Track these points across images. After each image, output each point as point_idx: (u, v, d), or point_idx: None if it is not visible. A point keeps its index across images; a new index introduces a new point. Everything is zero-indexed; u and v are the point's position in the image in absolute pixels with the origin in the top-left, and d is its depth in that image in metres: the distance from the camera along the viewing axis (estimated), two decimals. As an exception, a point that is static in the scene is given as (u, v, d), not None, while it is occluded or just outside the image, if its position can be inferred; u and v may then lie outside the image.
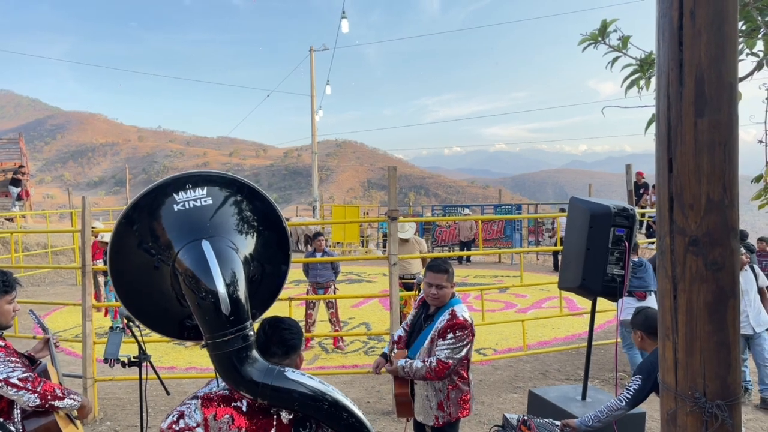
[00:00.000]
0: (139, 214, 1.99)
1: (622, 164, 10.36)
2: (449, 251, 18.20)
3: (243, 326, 1.88)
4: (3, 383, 2.44)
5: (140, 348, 3.28)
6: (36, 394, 2.47)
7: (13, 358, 2.52)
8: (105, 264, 8.74)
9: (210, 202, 2.03)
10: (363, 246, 20.97)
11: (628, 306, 5.94)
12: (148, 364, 3.35)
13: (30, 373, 2.51)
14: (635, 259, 6.35)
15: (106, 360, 3.21)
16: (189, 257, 1.91)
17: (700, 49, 1.20)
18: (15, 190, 19.16)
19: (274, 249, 2.24)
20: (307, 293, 8.26)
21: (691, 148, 1.21)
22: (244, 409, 1.90)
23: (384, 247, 19.49)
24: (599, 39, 2.19)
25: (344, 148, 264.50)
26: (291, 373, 1.92)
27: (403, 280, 7.75)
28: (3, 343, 2.54)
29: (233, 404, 1.90)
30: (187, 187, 2.01)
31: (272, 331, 2.05)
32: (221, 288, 1.85)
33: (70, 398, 2.60)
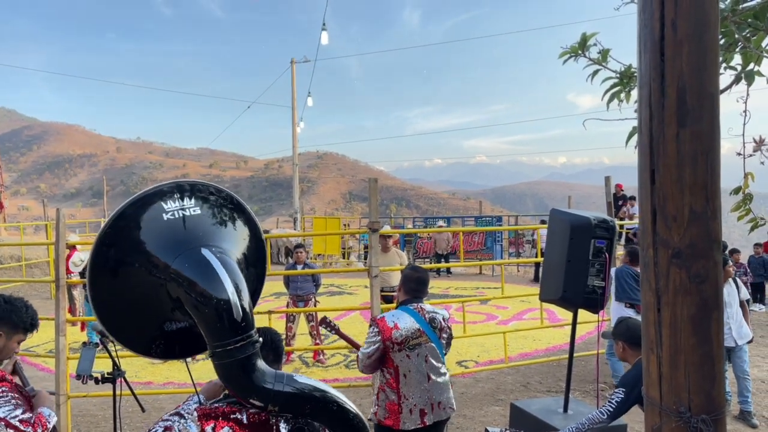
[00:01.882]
0: (126, 224, 1.91)
1: (601, 176, 10.47)
2: (430, 263, 18.21)
3: (251, 333, 1.85)
4: (3, 424, 2.26)
5: (114, 364, 3.20)
6: None
7: (16, 395, 2.35)
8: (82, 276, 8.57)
9: (199, 211, 1.99)
10: (344, 258, 20.88)
11: (626, 316, 5.98)
12: (123, 380, 3.26)
13: (31, 414, 2.35)
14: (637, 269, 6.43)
15: (78, 376, 3.12)
16: (189, 266, 1.85)
17: (682, 60, 1.19)
18: (-12, 202, 18.79)
19: (256, 260, 2.22)
20: (288, 306, 8.17)
21: (674, 158, 1.20)
22: (245, 421, 1.86)
23: (365, 259, 19.42)
24: (579, 52, 2.20)
25: (325, 160, 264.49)
26: (300, 377, 1.91)
27: (384, 293, 7.71)
28: (9, 378, 2.39)
29: (233, 417, 1.87)
30: (174, 196, 1.96)
31: (264, 337, 2.07)
32: (232, 295, 1.81)
33: (51, 419, 2.43)
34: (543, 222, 18.09)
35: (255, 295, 2.30)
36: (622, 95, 2.40)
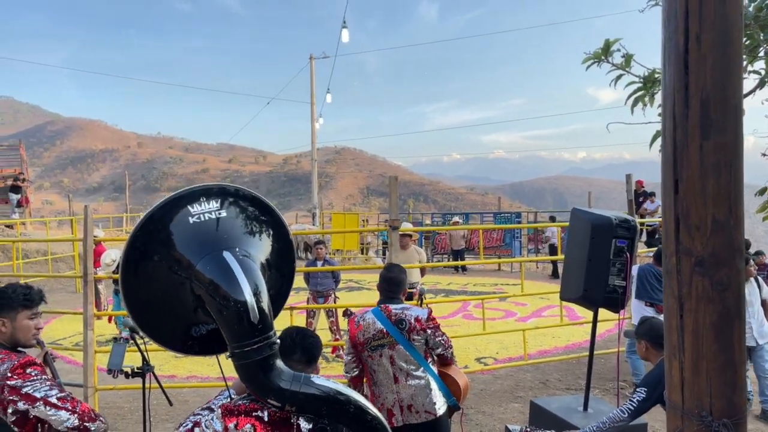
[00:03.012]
0: (154, 226, 2.00)
1: (621, 171, 10.40)
2: (447, 259, 18.22)
3: (269, 334, 1.91)
4: (42, 402, 2.30)
5: (144, 359, 3.29)
6: (75, 415, 2.34)
7: (48, 377, 2.42)
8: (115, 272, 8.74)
9: (224, 214, 2.05)
10: (363, 253, 20.98)
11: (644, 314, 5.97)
12: (152, 374, 3.36)
13: (68, 393, 2.40)
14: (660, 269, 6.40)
15: (110, 371, 3.22)
16: (211, 268, 1.92)
17: (706, 73, 1.22)
18: (15, 197, 19.16)
19: (283, 261, 2.27)
20: (308, 301, 8.27)
21: (697, 170, 1.23)
22: (266, 419, 1.92)
23: (384, 254, 19.50)
24: (602, 58, 2.22)
25: (343, 155, 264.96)
26: (317, 379, 1.96)
27: (403, 289, 7.76)
28: (38, 362, 2.45)
29: (255, 414, 1.93)
30: (201, 199, 2.03)
31: (300, 338, 2.15)
32: (249, 297, 1.87)
33: (100, 421, 2.47)
34: (552, 218, 18.01)
35: (282, 295, 2.37)
36: (646, 99, 2.42)
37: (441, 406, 3.46)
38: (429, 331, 3.44)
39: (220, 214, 2.04)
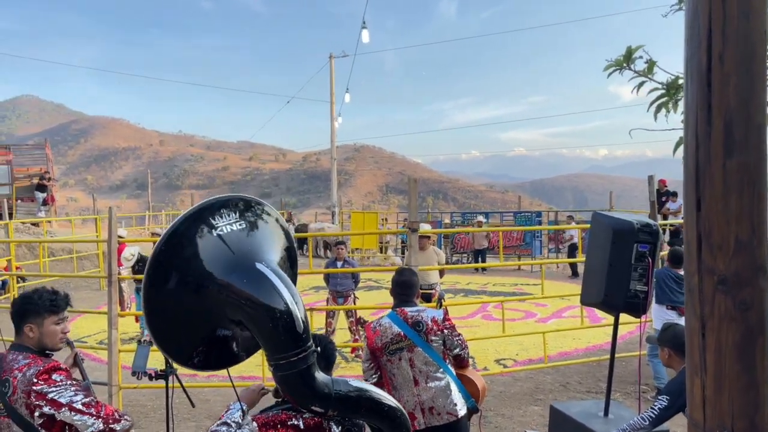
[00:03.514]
0: (178, 241, 1.94)
1: (644, 169, 10.29)
2: (467, 259, 18.16)
3: (311, 343, 1.91)
4: (66, 408, 2.34)
5: (167, 361, 3.35)
6: (100, 420, 2.38)
7: (74, 382, 2.46)
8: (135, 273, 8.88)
9: (244, 225, 2.05)
10: (381, 252, 21.01)
11: (665, 320, 5.91)
12: (174, 377, 3.42)
13: (93, 398, 2.44)
14: (683, 272, 6.33)
15: (134, 373, 3.28)
16: (246, 282, 1.89)
17: (729, 92, 1.21)
18: (41, 196, 19.54)
19: (290, 268, 2.29)
20: (327, 301, 8.33)
21: (720, 189, 1.22)
22: (302, 426, 1.96)
23: (402, 253, 19.50)
24: (624, 65, 2.20)
25: (362, 153, 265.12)
26: (353, 382, 2.01)
27: (422, 290, 7.77)
28: (64, 367, 2.48)
29: (290, 423, 1.98)
30: (221, 212, 2.00)
31: (320, 344, 2.15)
32: (293, 307, 1.86)
33: (125, 420, 2.51)
34: (570, 218, 17.84)
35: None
36: (669, 105, 2.40)
37: (462, 408, 3.48)
38: (446, 332, 3.47)
39: (240, 225, 2.02)
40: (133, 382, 6.06)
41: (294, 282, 2.34)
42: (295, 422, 1.97)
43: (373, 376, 3.55)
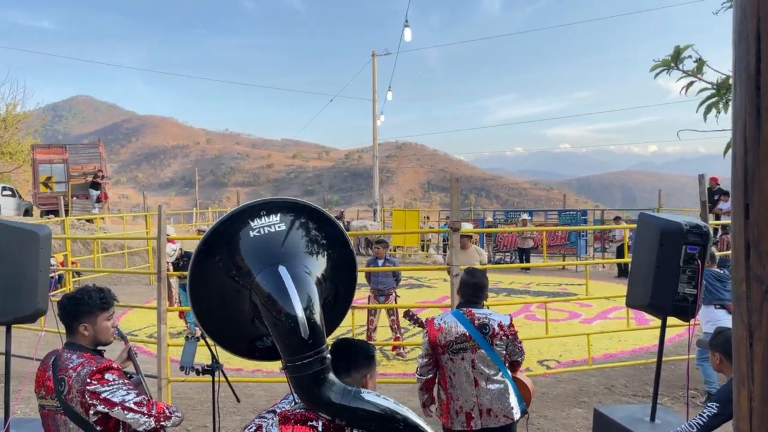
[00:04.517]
0: (218, 241, 2.10)
1: (696, 166, 10.03)
2: (510, 258, 17.96)
3: (320, 349, 1.95)
4: (119, 407, 2.43)
5: (213, 357, 3.45)
6: (152, 418, 2.47)
7: (126, 381, 2.53)
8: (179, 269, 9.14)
9: (283, 227, 2.12)
10: (423, 250, 20.98)
11: (717, 320, 5.76)
12: (220, 372, 3.51)
13: (144, 396, 2.53)
14: (723, 271, 6.18)
15: (182, 368, 3.39)
16: (267, 282, 2.00)
17: (780, 95, 1.17)
18: (95, 193, 20.29)
19: (342, 271, 2.33)
20: (369, 300, 8.37)
21: (769, 195, 1.19)
22: (320, 428, 1.96)
23: (444, 251, 19.43)
24: (672, 65, 2.15)
25: (404, 150, 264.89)
26: (367, 395, 1.99)
27: (463, 290, 7.74)
28: (116, 366, 2.56)
29: (309, 423, 1.97)
30: (261, 213, 2.10)
31: (336, 348, 2.16)
32: (300, 312, 1.92)
33: (175, 416, 2.60)
34: (617, 218, 17.39)
35: (345, 301, 2.42)
36: (720, 105, 2.33)
37: (517, 411, 3.50)
38: (510, 338, 3.50)
39: (279, 227, 2.10)
40: (181, 375, 6.25)
41: (349, 287, 2.38)
42: (314, 423, 1.96)
43: (429, 372, 3.57)
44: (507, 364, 3.55)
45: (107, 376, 2.47)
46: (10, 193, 21.29)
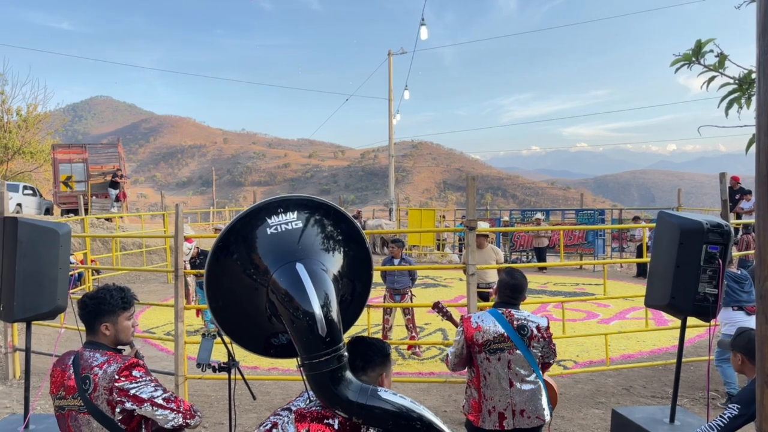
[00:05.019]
0: (234, 238, 2.10)
1: (716, 164, 9.89)
2: (527, 257, 17.84)
3: (338, 347, 1.95)
4: (149, 403, 2.43)
5: (229, 354, 3.46)
6: (180, 414, 2.47)
7: (152, 377, 2.53)
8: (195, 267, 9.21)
9: (300, 225, 2.12)
10: (439, 249, 20.92)
11: (735, 321, 5.68)
12: (237, 369, 3.52)
13: (171, 393, 2.52)
14: (740, 272, 6.09)
15: (198, 365, 3.40)
16: (285, 279, 1.99)
17: (806, 89, 1.15)
18: (113, 192, 20.54)
19: (359, 269, 2.32)
20: (384, 298, 8.37)
21: (795, 191, 1.16)
22: (336, 426, 1.94)
23: (460, 251, 19.36)
24: (693, 59, 2.11)
25: (420, 149, 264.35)
26: (384, 393, 1.97)
27: (479, 289, 7.69)
28: (142, 363, 2.56)
29: (326, 421, 1.96)
30: (278, 211, 2.10)
31: (352, 347, 2.15)
32: (317, 310, 1.92)
33: (198, 416, 2.60)
34: (636, 218, 17.18)
35: (361, 299, 2.41)
36: (742, 101, 2.28)
37: (548, 413, 3.50)
38: (546, 340, 3.50)
39: (296, 225, 2.10)
40: (197, 372, 6.30)
41: (365, 284, 2.37)
42: (331, 421, 1.95)
43: (458, 367, 3.56)
44: (540, 366, 3.53)
45: (135, 372, 2.47)
46: (31, 192, 21.61)
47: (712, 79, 2.19)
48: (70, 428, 2.54)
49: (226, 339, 3.43)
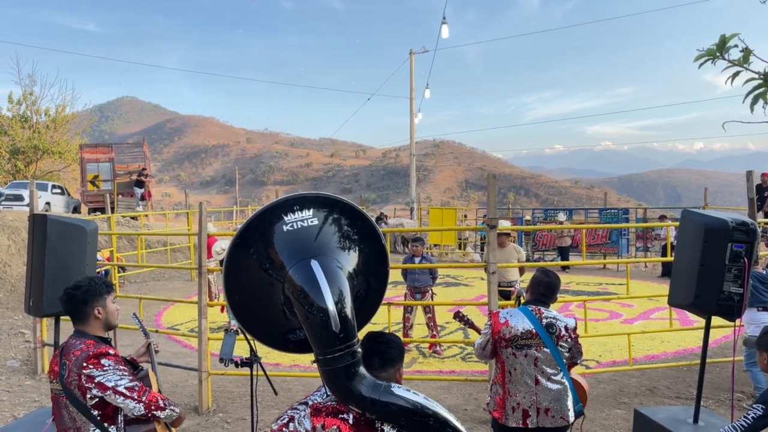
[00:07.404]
0: (251, 235, 2.14)
1: (744, 163, 9.68)
2: (550, 257, 17.70)
3: (351, 343, 1.97)
4: (111, 391, 2.55)
5: (252, 350, 3.50)
6: (141, 404, 2.59)
7: (121, 367, 2.65)
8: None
9: (316, 222, 2.15)
10: (460, 248, 20.86)
11: (760, 322, 5.59)
12: (259, 365, 3.57)
13: (137, 383, 2.63)
14: (765, 272, 5.98)
15: (221, 360, 3.45)
16: (300, 276, 2.02)
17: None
18: (139, 191, 20.87)
19: (374, 266, 2.34)
20: (405, 297, 8.38)
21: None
22: (351, 421, 1.96)
23: (481, 250, 19.29)
24: (717, 54, 2.08)
25: (442, 148, 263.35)
26: (397, 389, 1.98)
27: (500, 287, 7.65)
28: (113, 352, 2.67)
29: (340, 416, 1.98)
30: (295, 208, 2.14)
31: (370, 344, 2.16)
32: (331, 306, 1.94)
33: (170, 409, 2.71)
34: (663, 217, 16.92)
35: (377, 296, 2.43)
36: (767, 96, 2.25)
37: (572, 414, 3.47)
38: (573, 341, 3.50)
39: (312, 222, 2.13)
40: (220, 368, 6.38)
41: (381, 281, 2.40)
42: (346, 416, 1.97)
43: (484, 357, 3.59)
44: (567, 365, 3.51)
45: (103, 361, 2.59)
46: (59, 191, 22.07)
47: (736, 74, 2.16)
48: (55, 410, 2.72)
49: (249, 335, 3.48)
